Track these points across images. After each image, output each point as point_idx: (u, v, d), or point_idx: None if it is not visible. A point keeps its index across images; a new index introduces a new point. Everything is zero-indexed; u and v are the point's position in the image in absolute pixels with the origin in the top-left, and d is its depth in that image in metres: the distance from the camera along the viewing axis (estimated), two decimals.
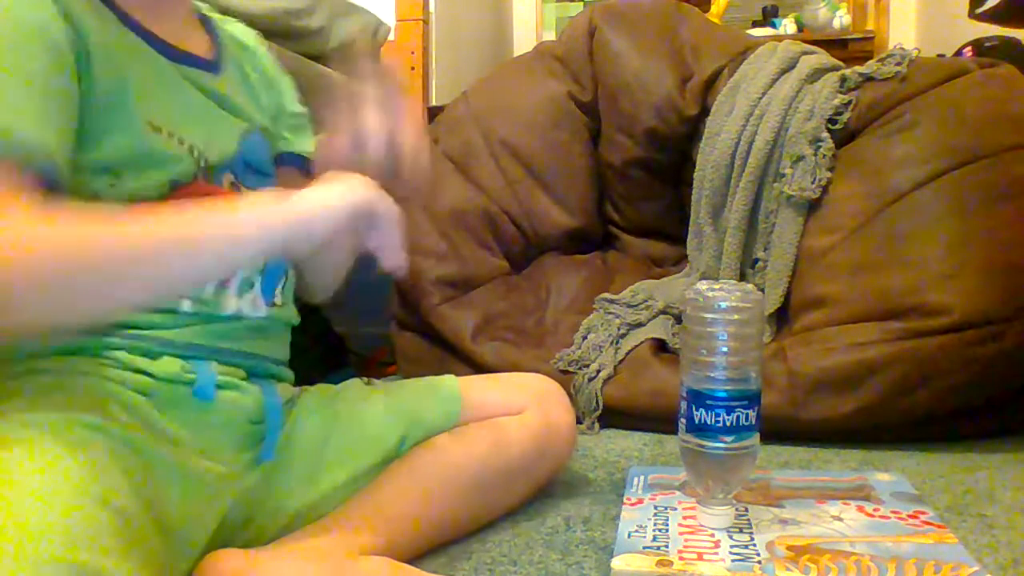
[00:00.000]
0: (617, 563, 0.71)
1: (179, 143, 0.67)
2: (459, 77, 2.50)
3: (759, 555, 0.71)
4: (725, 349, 0.74)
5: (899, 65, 1.27)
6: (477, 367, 1.35)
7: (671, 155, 1.55)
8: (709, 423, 0.75)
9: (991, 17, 1.88)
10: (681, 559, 0.71)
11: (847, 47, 3.17)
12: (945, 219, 1.13)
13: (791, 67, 1.41)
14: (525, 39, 3.57)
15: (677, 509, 0.82)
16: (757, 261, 1.35)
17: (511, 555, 0.77)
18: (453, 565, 0.75)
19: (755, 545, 0.73)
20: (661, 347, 1.33)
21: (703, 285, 0.78)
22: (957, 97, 1.20)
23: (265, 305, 0.74)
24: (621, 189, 1.63)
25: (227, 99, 0.75)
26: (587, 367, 1.29)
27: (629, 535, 0.76)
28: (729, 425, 0.74)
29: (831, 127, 1.28)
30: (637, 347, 1.31)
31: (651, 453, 1.11)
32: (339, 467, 0.75)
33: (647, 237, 1.66)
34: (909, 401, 1.10)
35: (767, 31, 3.20)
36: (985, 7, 1.85)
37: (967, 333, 1.08)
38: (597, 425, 1.24)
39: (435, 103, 2.25)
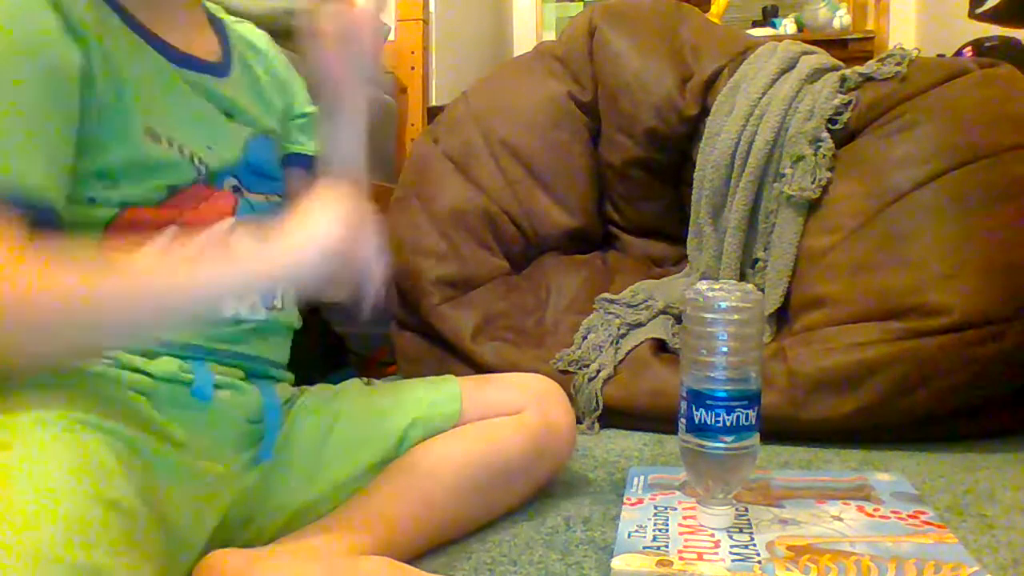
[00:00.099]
0: (617, 563, 0.71)
1: (179, 151, 0.67)
2: (459, 77, 2.50)
3: (759, 555, 0.71)
4: (725, 349, 0.74)
5: (899, 65, 1.27)
6: (477, 367, 1.35)
7: (671, 155, 1.55)
8: (709, 423, 0.75)
9: (991, 17, 1.88)
10: (681, 559, 0.71)
11: (847, 47, 3.16)
12: (945, 219, 1.13)
13: (791, 67, 1.41)
14: (525, 39, 3.57)
15: (677, 509, 0.82)
16: (757, 261, 1.35)
17: (511, 555, 0.77)
18: (453, 565, 0.75)
19: (755, 545, 0.73)
20: (661, 347, 1.33)
21: (703, 285, 0.78)
22: (957, 97, 1.20)
23: (264, 309, 0.74)
24: (621, 189, 1.63)
25: (233, 103, 0.75)
26: (587, 367, 1.29)
27: (629, 535, 0.76)
28: (729, 425, 0.74)
29: (831, 127, 1.28)
30: (637, 347, 1.31)
31: (651, 453, 1.11)
32: (338, 467, 0.76)
33: (647, 237, 1.66)
34: (909, 401, 1.10)
35: (767, 31, 3.20)
36: (985, 7, 1.85)
37: (967, 333, 1.08)
38: (597, 425, 1.24)
39: (435, 103, 2.25)
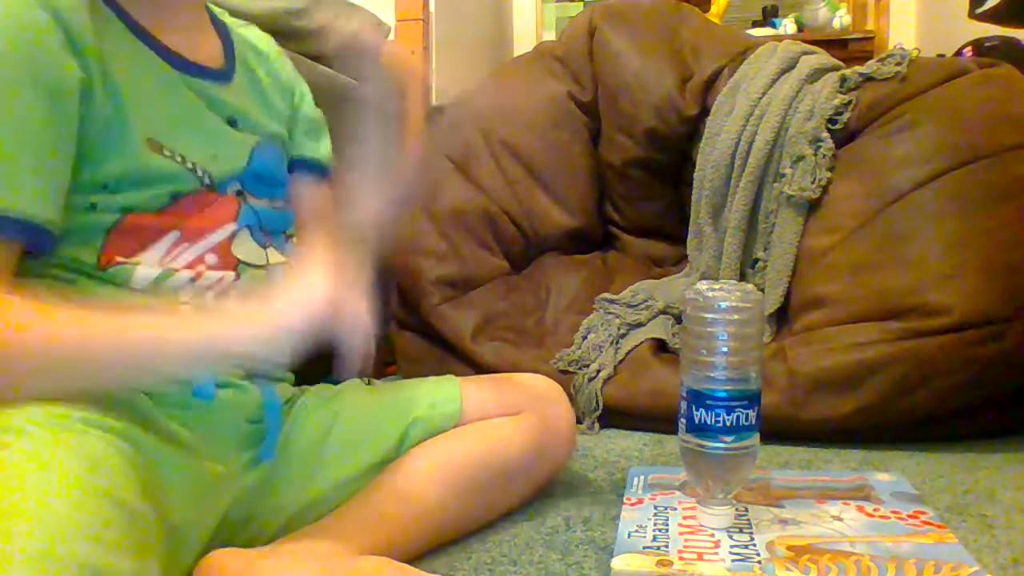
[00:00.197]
0: (617, 563, 0.71)
1: (180, 161, 0.67)
2: (459, 77, 2.50)
3: (759, 555, 0.71)
4: (725, 349, 0.74)
5: (899, 65, 1.27)
6: (477, 367, 1.35)
7: (671, 155, 1.55)
8: (709, 423, 0.75)
9: (991, 17, 1.88)
10: (681, 559, 0.71)
11: (847, 47, 3.16)
12: (945, 219, 1.13)
13: (791, 67, 1.41)
14: (525, 39, 3.57)
15: (677, 509, 0.82)
16: (757, 261, 1.35)
17: (511, 555, 0.77)
18: (453, 565, 0.75)
19: (755, 545, 0.73)
20: (661, 347, 1.33)
21: (703, 285, 0.78)
22: (957, 97, 1.20)
23: None
24: (621, 189, 1.63)
25: (237, 110, 0.75)
26: (587, 367, 1.29)
27: (629, 535, 0.76)
28: (729, 425, 0.74)
29: (831, 127, 1.28)
30: (637, 347, 1.31)
31: (651, 453, 1.11)
32: (338, 467, 0.76)
33: (647, 237, 1.66)
34: (909, 401, 1.10)
35: (767, 31, 3.20)
36: (985, 7, 1.85)
37: (967, 333, 1.08)
38: (597, 425, 1.24)
39: (435, 103, 2.25)
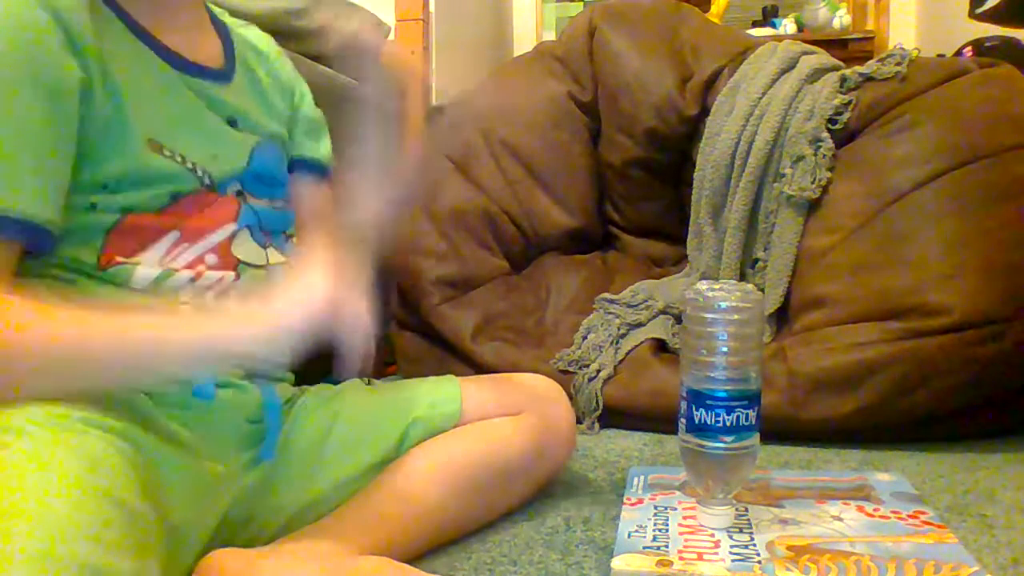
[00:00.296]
0: (617, 563, 0.71)
1: (180, 161, 0.67)
2: (459, 77, 2.50)
3: (759, 555, 0.71)
4: (725, 349, 0.74)
5: (899, 65, 1.27)
6: (477, 367, 1.35)
7: (671, 155, 1.55)
8: (709, 423, 0.75)
9: (991, 17, 1.88)
10: (681, 559, 0.71)
11: (847, 47, 3.16)
12: (945, 219, 1.13)
13: (791, 67, 1.41)
14: (525, 39, 3.57)
15: (677, 509, 0.82)
16: (757, 261, 1.35)
17: (511, 555, 0.77)
18: (453, 565, 0.75)
19: (755, 545, 0.73)
20: (661, 347, 1.33)
21: (703, 285, 0.78)
22: (957, 97, 1.20)
23: None
24: (621, 189, 1.63)
25: (236, 110, 0.75)
26: (587, 367, 1.29)
27: (629, 535, 0.76)
28: (729, 425, 0.74)
29: (831, 127, 1.28)
30: (637, 347, 1.31)
31: (651, 453, 1.11)
32: (338, 467, 0.76)
33: (647, 237, 1.66)
34: (909, 401, 1.10)
35: (767, 31, 3.20)
36: (985, 7, 1.85)
37: (967, 333, 1.08)
38: (597, 425, 1.24)
39: (435, 103, 2.25)
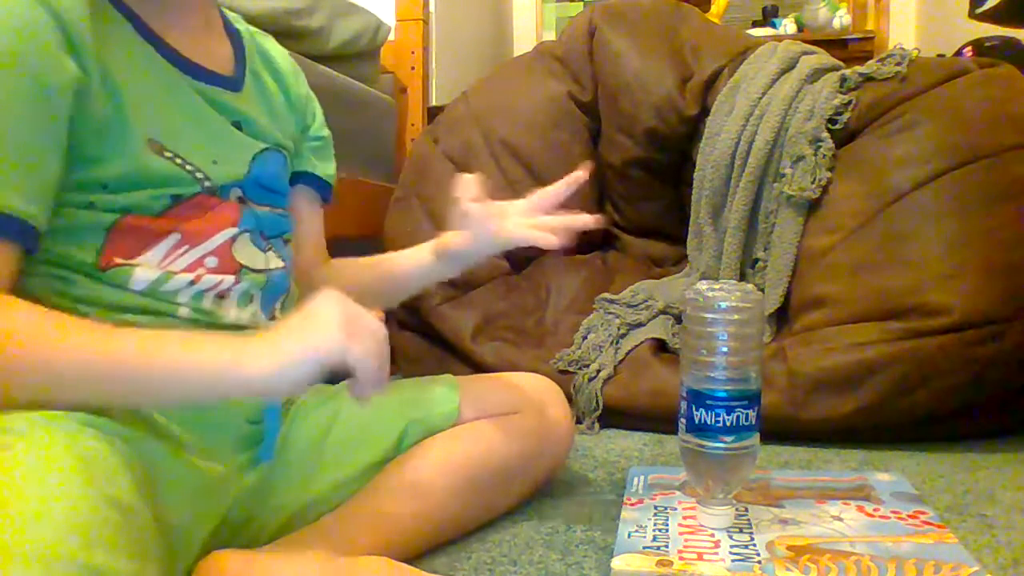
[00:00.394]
0: (617, 563, 0.71)
1: (182, 164, 0.67)
2: (459, 77, 2.50)
3: (759, 555, 0.71)
4: (725, 349, 0.74)
5: (899, 65, 1.27)
6: (477, 367, 1.35)
7: (671, 155, 1.55)
8: (709, 423, 0.75)
9: (991, 17, 1.88)
10: (681, 559, 0.71)
11: (847, 47, 3.17)
12: (945, 219, 1.13)
13: (791, 67, 1.41)
14: (525, 39, 3.57)
15: (677, 509, 0.82)
16: (757, 261, 1.35)
17: (511, 555, 0.77)
18: (453, 565, 0.75)
19: (755, 545, 0.73)
20: (661, 347, 1.33)
21: (703, 285, 0.78)
22: (957, 97, 1.20)
23: (265, 318, 0.74)
24: (621, 189, 1.63)
25: (244, 116, 0.74)
26: (587, 367, 1.29)
27: (629, 535, 0.76)
28: (729, 425, 0.74)
29: (831, 127, 1.28)
30: (637, 347, 1.31)
31: (651, 453, 1.11)
32: (337, 467, 0.76)
33: (647, 237, 1.66)
34: (909, 401, 1.10)
35: (767, 31, 3.21)
36: (985, 7, 1.85)
37: (967, 333, 1.08)
38: (597, 425, 1.24)
39: (435, 103, 2.25)
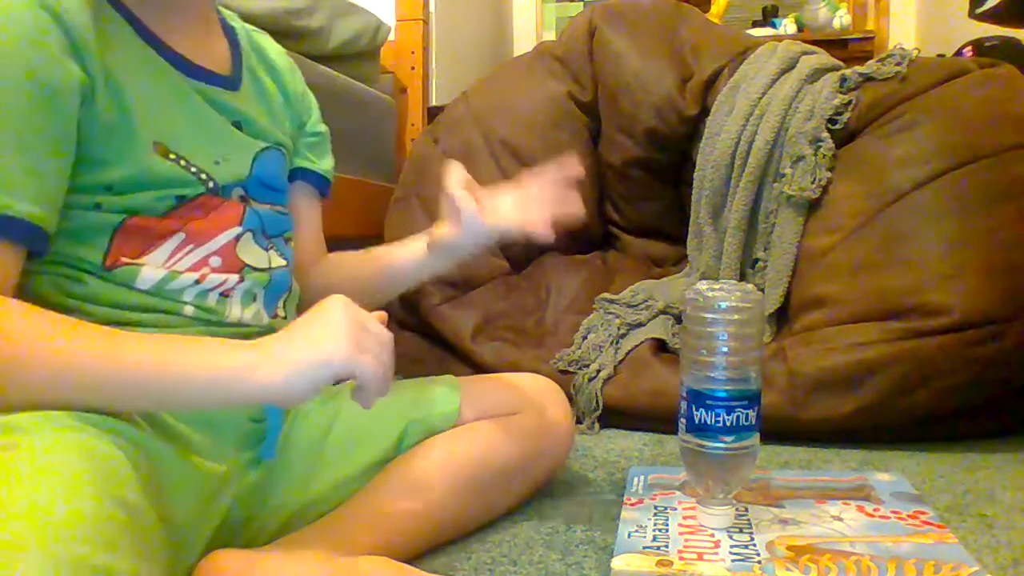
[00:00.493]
0: (617, 563, 0.71)
1: (186, 167, 0.67)
2: (459, 77, 2.50)
3: (759, 555, 0.71)
4: (725, 349, 0.74)
5: (899, 65, 1.27)
6: (477, 367, 1.35)
7: (671, 155, 1.55)
8: (709, 423, 0.75)
9: (991, 17, 1.88)
10: (681, 559, 0.71)
11: (847, 47, 3.17)
12: (945, 219, 1.13)
13: (791, 67, 1.41)
14: (525, 39, 3.57)
15: (677, 509, 0.82)
16: (757, 261, 1.35)
17: (511, 555, 0.77)
18: (453, 565, 0.75)
19: (755, 545, 0.73)
20: (661, 347, 1.33)
21: (703, 285, 0.78)
22: (957, 97, 1.20)
23: (268, 317, 0.74)
24: (621, 189, 1.63)
25: (244, 116, 0.75)
26: (587, 367, 1.29)
27: (629, 535, 0.76)
28: (729, 425, 0.74)
29: (831, 127, 1.28)
30: (637, 347, 1.31)
31: (651, 453, 1.11)
32: (338, 466, 0.76)
33: (647, 237, 1.66)
34: (909, 401, 1.10)
35: (767, 31, 3.21)
36: (985, 7, 1.85)
37: (967, 333, 1.08)
38: (597, 425, 1.24)
39: (435, 103, 2.25)
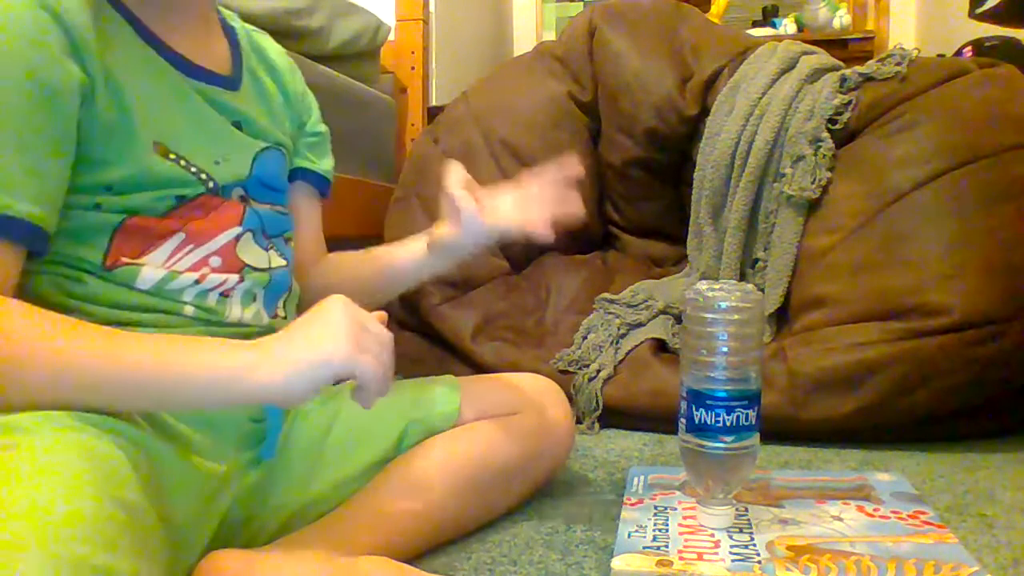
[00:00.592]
0: (617, 563, 0.71)
1: (186, 166, 0.67)
2: (459, 77, 2.50)
3: (759, 555, 0.71)
4: (725, 349, 0.74)
5: (899, 65, 1.27)
6: (477, 367, 1.35)
7: (671, 155, 1.55)
8: (709, 423, 0.75)
9: (991, 17, 1.88)
10: (681, 559, 0.71)
11: (847, 47, 3.17)
12: (945, 219, 1.13)
13: (791, 67, 1.41)
14: (525, 39, 3.57)
15: (677, 509, 0.82)
16: (757, 261, 1.35)
17: (511, 555, 0.77)
18: (453, 565, 0.75)
19: (755, 545, 0.73)
20: (661, 347, 1.33)
21: (703, 285, 0.78)
22: (957, 97, 1.20)
23: (268, 317, 0.74)
24: (621, 189, 1.63)
25: (244, 116, 0.75)
26: (587, 367, 1.29)
27: (629, 535, 0.76)
28: (729, 425, 0.74)
29: (831, 127, 1.28)
30: (637, 347, 1.31)
31: (651, 453, 1.11)
32: (338, 466, 0.76)
33: (647, 237, 1.66)
34: (909, 401, 1.10)
35: (767, 31, 3.21)
36: (985, 7, 1.85)
37: (967, 333, 1.08)
38: (597, 425, 1.24)
39: (435, 103, 2.25)
